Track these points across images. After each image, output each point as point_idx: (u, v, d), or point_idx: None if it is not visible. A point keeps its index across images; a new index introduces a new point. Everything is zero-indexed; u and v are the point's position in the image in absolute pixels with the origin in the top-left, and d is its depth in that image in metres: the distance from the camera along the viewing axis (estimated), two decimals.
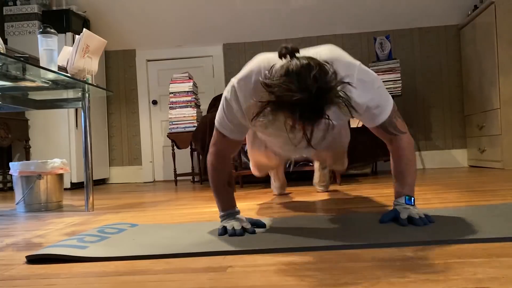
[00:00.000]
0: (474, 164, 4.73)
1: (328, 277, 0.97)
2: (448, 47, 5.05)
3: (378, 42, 4.41)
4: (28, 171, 2.68)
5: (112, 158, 5.49)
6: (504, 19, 4.04)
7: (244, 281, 0.98)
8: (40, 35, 2.29)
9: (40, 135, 4.70)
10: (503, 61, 4.04)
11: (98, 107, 5.20)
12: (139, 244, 1.40)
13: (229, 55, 5.35)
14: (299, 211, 2.01)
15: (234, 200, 1.63)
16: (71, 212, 2.54)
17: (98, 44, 2.54)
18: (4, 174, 4.63)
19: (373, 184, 3.21)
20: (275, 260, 1.14)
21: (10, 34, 4.74)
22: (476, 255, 1.07)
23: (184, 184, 4.48)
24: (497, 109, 4.09)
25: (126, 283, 1.02)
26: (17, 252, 1.44)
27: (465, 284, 0.86)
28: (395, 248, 1.19)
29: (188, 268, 1.12)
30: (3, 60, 1.98)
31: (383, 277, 0.94)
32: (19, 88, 2.51)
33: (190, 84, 4.48)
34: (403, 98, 5.04)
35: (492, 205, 1.78)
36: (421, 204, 1.97)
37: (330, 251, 1.20)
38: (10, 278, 1.12)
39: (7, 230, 1.96)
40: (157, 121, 5.47)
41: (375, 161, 4.01)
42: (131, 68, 5.49)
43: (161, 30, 5.26)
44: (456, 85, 5.03)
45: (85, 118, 2.59)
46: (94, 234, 1.59)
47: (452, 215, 1.58)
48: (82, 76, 2.49)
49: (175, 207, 2.51)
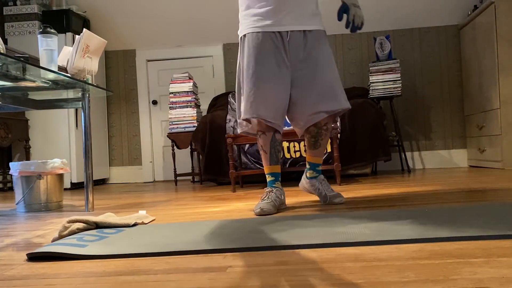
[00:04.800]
0: (474, 164, 4.73)
1: (328, 277, 0.97)
2: (448, 47, 5.05)
3: (378, 42, 4.41)
4: (28, 171, 2.68)
5: (112, 158, 5.49)
6: (504, 19, 4.04)
7: (244, 281, 0.98)
8: (40, 35, 2.30)
9: (40, 135, 4.70)
10: (503, 61, 4.04)
11: (98, 107, 5.20)
12: (138, 243, 1.40)
13: (229, 55, 5.35)
14: (299, 211, 2.01)
15: None
16: (71, 212, 2.54)
17: (98, 44, 2.54)
18: (4, 174, 4.63)
19: (373, 184, 3.21)
20: (275, 260, 1.14)
21: (10, 34, 4.74)
22: (476, 255, 1.07)
23: (184, 184, 4.48)
24: (497, 109, 4.09)
25: (126, 283, 1.02)
26: (17, 252, 1.44)
27: (465, 284, 0.86)
28: (395, 248, 1.19)
29: (188, 268, 1.12)
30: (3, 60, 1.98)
31: (383, 277, 0.94)
32: (19, 88, 2.51)
33: (190, 84, 4.48)
34: (403, 98, 5.05)
35: (492, 205, 1.78)
36: (421, 204, 1.97)
37: (330, 251, 1.20)
38: (10, 278, 1.12)
39: (7, 230, 1.96)
40: (157, 121, 5.47)
41: (375, 161, 4.01)
42: (131, 68, 5.49)
43: (161, 30, 5.26)
44: (456, 85, 5.04)
45: (85, 118, 2.59)
46: (94, 233, 1.59)
47: (452, 215, 1.58)
48: (82, 76, 2.49)
49: (175, 207, 2.51)
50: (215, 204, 2.53)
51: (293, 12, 2.03)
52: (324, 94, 2.05)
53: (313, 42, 2.07)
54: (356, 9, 2.11)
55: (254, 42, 2.05)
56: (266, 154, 2.14)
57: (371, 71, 4.34)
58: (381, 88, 4.30)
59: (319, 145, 2.17)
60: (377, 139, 3.84)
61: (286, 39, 2.04)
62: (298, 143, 3.83)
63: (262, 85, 2.02)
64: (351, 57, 5.16)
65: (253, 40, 2.06)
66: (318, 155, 2.21)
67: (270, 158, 2.14)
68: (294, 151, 3.84)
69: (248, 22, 2.09)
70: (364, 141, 3.83)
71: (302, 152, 3.83)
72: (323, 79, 2.05)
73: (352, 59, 5.16)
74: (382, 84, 4.30)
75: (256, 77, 2.03)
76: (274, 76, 2.02)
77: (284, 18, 2.03)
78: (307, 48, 2.06)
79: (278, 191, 2.10)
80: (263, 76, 2.02)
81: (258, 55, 2.04)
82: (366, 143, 3.82)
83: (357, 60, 5.16)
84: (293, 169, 3.47)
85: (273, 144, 2.13)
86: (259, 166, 3.88)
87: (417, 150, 5.02)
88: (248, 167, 3.93)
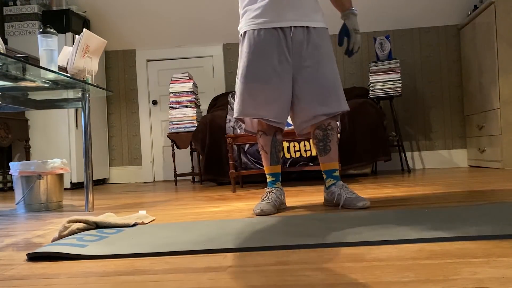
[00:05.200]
0: (474, 164, 4.73)
1: (328, 277, 0.97)
2: (448, 47, 5.05)
3: (378, 42, 4.41)
4: (28, 171, 2.68)
5: (112, 158, 5.49)
6: (504, 19, 4.04)
7: (244, 281, 0.98)
8: (40, 35, 2.30)
9: (40, 135, 4.70)
10: (503, 61, 4.04)
11: (98, 107, 5.20)
12: (138, 243, 1.40)
13: (229, 55, 5.35)
14: (298, 211, 2.01)
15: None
16: (71, 212, 2.54)
17: (98, 44, 2.54)
18: (4, 174, 4.63)
19: (373, 184, 3.21)
20: (275, 260, 1.14)
21: (10, 34, 4.74)
22: (476, 255, 1.07)
23: (184, 184, 4.48)
24: (497, 109, 4.09)
25: (126, 283, 1.02)
26: (17, 252, 1.44)
27: (465, 284, 0.86)
28: (395, 248, 1.19)
29: (188, 268, 1.12)
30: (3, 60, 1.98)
31: (383, 277, 0.94)
32: (19, 88, 2.51)
33: (190, 84, 4.48)
34: (403, 98, 5.05)
35: (492, 205, 1.78)
36: (421, 204, 1.97)
37: (330, 251, 1.20)
38: (10, 278, 1.12)
39: (7, 230, 1.96)
40: (157, 121, 5.47)
41: (375, 161, 4.01)
42: (131, 68, 5.49)
43: (161, 30, 5.26)
44: (456, 85, 5.04)
45: (85, 118, 2.59)
46: (94, 233, 1.59)
47: (452, 215, 1.58)
48: (82, 76, 2.49)
49: (175, 207, 2.51)
50: (215, 204, 2.53)
51: (295, 7, 1.98)
52: (325, 95, 2.00)
53: (316, 40, 2.02)
54: (356, 36, 2.12)
55: (255, 39, 2.00)
56: (266, 154, 2.12)
57: (371, 71, 4.34)
58: (381, 88, 4.30)
59: (329, 149, 2.06)
60: (377, 139, 3.84)
61: (289, 35, 1.98)
62: (298, 143, 3.83)
63: (261, 84, 1.98)
64: (351, 57, 5.16)
65: (254, 37, 2.01)
66: (331, 160, 2.07)
67: (271, 158, 2.11)
68: (294, 151, 3.84)
69: (248, 18, 2.04)
70: (364, 141, 3.83)
71: (302, 152, 3.83)
72: (324, 80, 2.00)
73: (352, 59, 5.16)
74: (382, 84, 4.30)
75: (255, 76, 1.99)
76: (275, 74, 1.98)
77: (286, 13, 1.97)
78: (310, 47, 2.01)
79: (278, 191, 2.09)
80: (263, 74, 1.98)
81: (259, 52, 1.99)
82: (366, 143, 3.82)
83: (357, 60, 5.16)
84: (293, 169, 3.47)
85: (274, 144, 2.10)
86: (259, 166, 3.87)
87: (417, 150, 5.02)
88: (248, 167, 3.93)
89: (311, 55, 2.01)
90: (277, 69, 1.98)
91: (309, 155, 3.81)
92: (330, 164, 2.08)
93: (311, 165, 3.78)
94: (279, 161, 2.14)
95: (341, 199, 1.99)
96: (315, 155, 3.80)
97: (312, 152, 3.81)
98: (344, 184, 2.06)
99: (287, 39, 1.99)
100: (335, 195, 2.02)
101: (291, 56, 2.00)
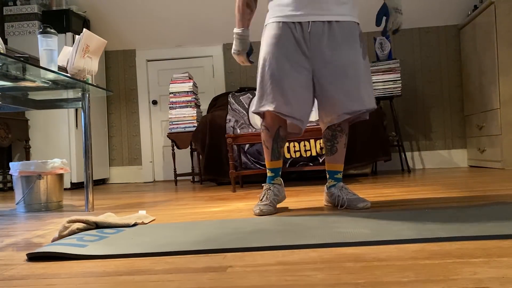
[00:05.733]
0: (474, 164, 4.73)
1: (328, 277, 0.97)
2: (448, 47, 5.05)
3: (378, 42, 4.41)
4: (28, 171, 2.68)
5: (112, 158, 5.49)
6: (504, 19, 4.04)
7: (244, 281, 0.98)
8: (40, 35, 2.30)
9: (40, 135, 4.70)
10: (503, 61, 4.04)
11: (98, 107, 5.21)
12: (138, 243, 1.40)
13: (229, 55, 5.34)
14: (298, 211, 2.01)
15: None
16: (71, 212, 2.54)
17: (98, 44, 2.54)
18: (4, 174, 4.63)
19: (373, 184, 3.21)
20: (275, 260, 1.14)
21: (10, 34, 4.74)
22: (476, 255, 1.07)
23: (184, 184, 4.48)
24: (497, 109, 4.09)
25: (126, 283, 1.02)
26: (17, 252, 1.44)
27: (465, 284, 0.86)
28: (395, 248, 1.19)
29: (188, 268, 1.12)
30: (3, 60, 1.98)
31: (383, 277, 0.94)
32: (19, 88, 2.51)
33: (190, 84, 4.48)
34: (403, 98, 5.05)
35: (492, 205, 1.78)
36: (421, 204, 1.97)
37: (330, 251, 1.20)
38: (10, 278, 1.12)
39: (7, 230, 1.96)
40: (157, 121, 5.47)
41: (375, 161, 4.01)
42: (131, 68, 5.49)
43: (161, 30, 5.26)
44: (456, 85, 5.04)
45: (85, 118, 2.59)
46: (94, 233, 1.59)
47: (452, 215, 1.58)
48: (82, 76, 2.49)
49: (175, 207, 2.51)
50: (215, 204, 2.53)
51: (315, 1, 1.91)
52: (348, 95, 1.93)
53: (340, 36, 1.93)
54: (397, 15, 2.01)
55: (272, 32, 1.98)
56: (268, 150, 2.09)
57: (371, 71, 4.34)
58: (381, 88, 4.31)
59: (335, 150, 2.04)
60: (377, 139, 3.84)
61: (307, 29, 1.92)
62: (298, 143, 3.83)
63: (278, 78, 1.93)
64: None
65: (273, 29, 1.98)
66: (336, 161, 2.06)
67: (272, 154, 2.08)
68: (294, 151, 3.84)
69: (272, 11, 2.01)
70: (364, 141, 3.83)
71: (302, 152, 3.83)
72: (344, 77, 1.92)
73: None
74: (382, 84, 4.30)
75: (272, 70, 1.95)
76: (292, 70, 1.93)
77: (305, 7, 1.92)
78: (333, 43, 1.93)
79: (276, 187, 2.08)
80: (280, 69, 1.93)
81: (275, 45, 1.95)
82: (366, 143, 3.83)
83: None
84: (293, 169, 3.47)
85: (276, 140, 2.07)
86: (259, 166, 3.88)
87: (417, 150, 5.02)
88: (248, 167, 3.93)
89: (331, 49, 1.93)
90: (294, 65, 1.93)
91: (309, 155, 3.81)
92: (334, 165, 2.08)
93: (311, 165, 3.78)
94: (281, 156, 2.12)
95: (341, 201, 1.99)
96: (315, 155, 3.80)
97: (312, 152, 3.81)
98: (344, 185, 2.06)
99: (305, 33, 1.93)
100: (335, 197, 2.03)
101: (309, 50, 1.94)
